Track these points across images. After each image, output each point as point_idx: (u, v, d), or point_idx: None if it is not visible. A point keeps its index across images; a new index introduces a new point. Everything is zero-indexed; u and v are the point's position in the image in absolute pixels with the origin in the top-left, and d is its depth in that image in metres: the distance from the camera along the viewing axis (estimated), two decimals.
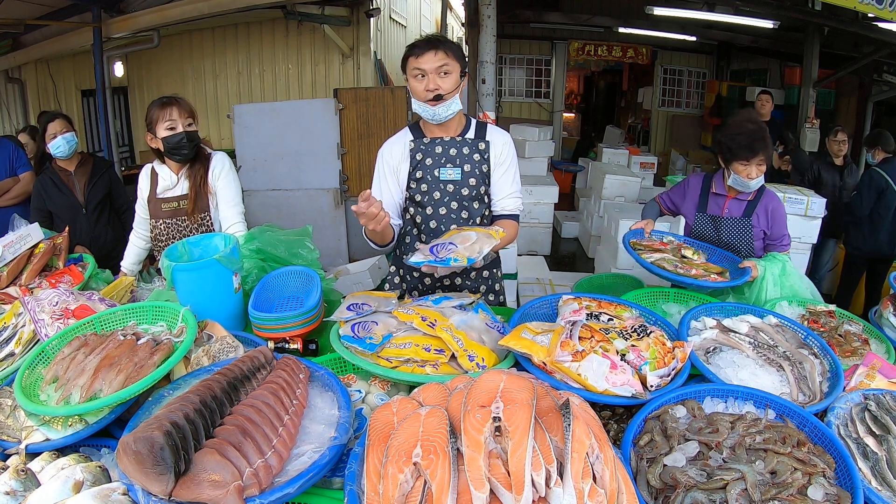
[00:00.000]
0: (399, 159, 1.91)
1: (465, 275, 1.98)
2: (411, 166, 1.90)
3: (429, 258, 1.48)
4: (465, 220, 1.92)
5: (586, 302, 1.58)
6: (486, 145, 1.89)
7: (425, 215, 1.92)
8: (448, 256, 1.46)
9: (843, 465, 1.02)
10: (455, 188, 1.88)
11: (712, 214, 2.24)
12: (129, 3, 5.15)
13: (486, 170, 1.89)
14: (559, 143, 9.38)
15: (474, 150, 1.88)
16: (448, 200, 1.89)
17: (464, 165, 1.87)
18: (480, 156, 1.89)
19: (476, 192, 1.89)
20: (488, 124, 1.95)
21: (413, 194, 1.91)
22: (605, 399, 1.19)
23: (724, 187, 2.23)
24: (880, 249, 3.89)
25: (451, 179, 1.88)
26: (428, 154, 1.88)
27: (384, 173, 1.92)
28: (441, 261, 1.46)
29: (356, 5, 5.80)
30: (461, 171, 1.87)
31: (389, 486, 0.81)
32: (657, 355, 1.27)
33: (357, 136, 5.01)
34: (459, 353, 1.30)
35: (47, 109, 4.29)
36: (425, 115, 1.81)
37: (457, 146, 1.88)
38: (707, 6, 6.15)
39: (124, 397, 1.12)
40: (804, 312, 1.76)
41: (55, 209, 2.83)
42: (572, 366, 1.22)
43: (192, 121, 2.09)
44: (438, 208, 1.90)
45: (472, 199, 1.90)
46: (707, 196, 2.27)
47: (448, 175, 1.88)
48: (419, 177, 1.89)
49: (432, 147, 1.88)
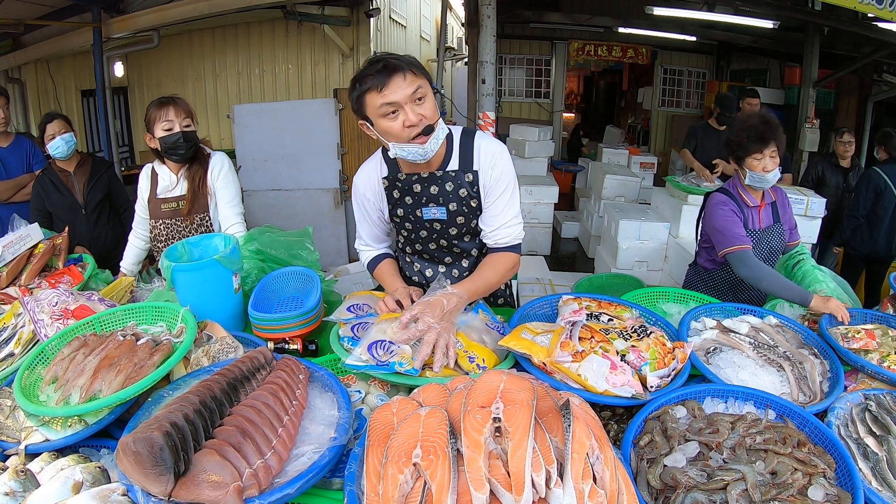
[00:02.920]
0: (375, 195, 1.67)
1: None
2: (389, 204, 1.65)
3: (368, 362, 1.24)
4: (459, 254, 1.73)
5: (586, 302, 1.58)
6: (475, 177, 1.57)
7: (415, 249, 1.76)
8: (392, 361, 1.23)
9: (844, 465, 1.02)
10: (442, 227, 1.65)
11: (753, 229, 2.10)
12: (129, 3, 5.14)
13: (475, 205, 1.61)
14: (559, 143, 9.39)
15: (459, 184, 1.58)
16: (437, 238, 1.68)
17: (449, 204, 1.60)
18: (468, 190, 1.58)
19: (466, 228, 1.65)
20: (476, 138, 1.60)
21: (399, 229, 1.72)
22: (606, 400, 1.19)
23: (753, 197, 2.10)
24: (878, 250, 3.86)
25: (437, 219, 1.63)
26: (406, 192, 1.61)
27: (365, 209, 1.71)
28: (384, 366, 1.23)
29: (356, 5, 5.79)
30: (446, 210, 1.61)
31: (389, 487, 0.81)
32: (657, 356, 1.27)
33: (357, 136, 5.01)
34: (459, 354, 1.30)
35: (48, 110, 4.29)
36: (413, 158, 1.47)
37: (438, 183, 1.58)
38: (707, 6, 6.15)
39: (124, 398, 1.12)
40: (804, 312, 1.76)
41: (54, 210, 2.83)
42: (572, 366, 1.22)
43: (189, 121, 2.08)
44: (428, 244, 1.72)
45: (462, 235, 1.67)
46: (744, 213, 2.10)
47: (432, 214, 1.62)
48: (401, 215, 1.66)
49: (409, 185, 1.60)
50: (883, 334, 1.51)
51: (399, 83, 1.38)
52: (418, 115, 1.41)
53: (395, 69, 1.38)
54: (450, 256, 1.75)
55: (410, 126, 1.41)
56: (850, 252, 4.07)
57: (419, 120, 1.41)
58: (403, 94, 1.39)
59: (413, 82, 1.39)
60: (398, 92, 1.38)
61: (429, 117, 1.43)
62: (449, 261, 1.76)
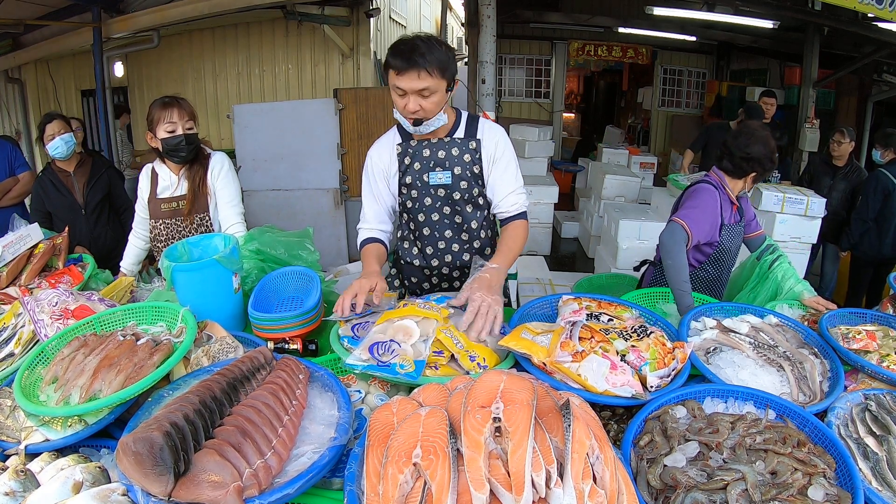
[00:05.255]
0: (388, 163, 1.82)
1: (462, 278, 1.91)
2: (400, 171, 1.81)
3: (370, 363, 1.26)
4: (459, 225, 1.85)
5: (586, 302, 1.58)
6: (477, 144, 1.78)
7: (418, 222, 1.86)
8: (392, 362, 1.25)
9: (844, 465, 1.02)
10: (446, 192, 1.80)
11: (729, 224, 2.13)
12: (129, 3, 5.14)
13: (477, 171, 1.79)
14: (559, 143, 9.38)
15: (464, 150, 1.78)
16: (440, 206, 1.82)
17: (454, 168, 1.78)
18: (471, 156, 1.78)
19: (468, 195, 1.80)
20: (480, 118, 1.83)
21: (404, 200, 1.84)
22: (606, 400, 1.19)
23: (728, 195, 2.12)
24: (885, 253, 3.78)
25: (441, 184, 1.79)
26: (416, 158, 1.79)
27: (374, 178, 1.85)
28: (385, 367, 1.25)
29: (356, 5, 5.80)
30: (451, 174, 1.78)
31: (389, 487, 0.81)
32: (657, 356, 1.27)
33: (357, 136, 5.01)
34: (460, 354, 1.30)
35: (48, 110, 4.29)
36: (407, 128, 1.73)
37: (445, 148, 1.78)
38: (707, 6, 6.15)
39: (124, 398, 1.12)
40: (804, 313, 1.76)
41: (54, 210, 2.83)
42: (572, 366, 1.22)
43: (192, 123, 2.09)
44: (431, 214, 1.84)
45: (465, 202, 1.81)
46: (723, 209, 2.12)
47: (438, 179, 1.78)
48: (408, 182, 1.81)
49: (420, 150, 1.79)
50: (884, 335, 1.51)
51: (412, 77, 1.58)
52: (417, 106, 1.63)
53: (413, 64, 1.57)
54: (450, 230, 1.85)
55: (407, 111, 1.65)
56: (857, 255, 4.00)
57: (416, 110, 1.64)
58: (411, 87, 1.60)
59: (424, 81, 1.59)
60: (408, 83, 1.60)
61: (427, 111, 1.65)
62: (449, 234, 1.86)
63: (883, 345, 1.47)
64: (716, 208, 2.06)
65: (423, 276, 1.96)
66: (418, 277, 1.97)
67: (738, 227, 2.16)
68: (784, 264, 1.90)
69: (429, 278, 1.96)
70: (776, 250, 1.99)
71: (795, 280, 1.85)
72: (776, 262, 1.92)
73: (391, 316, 1.42)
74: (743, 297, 1.94)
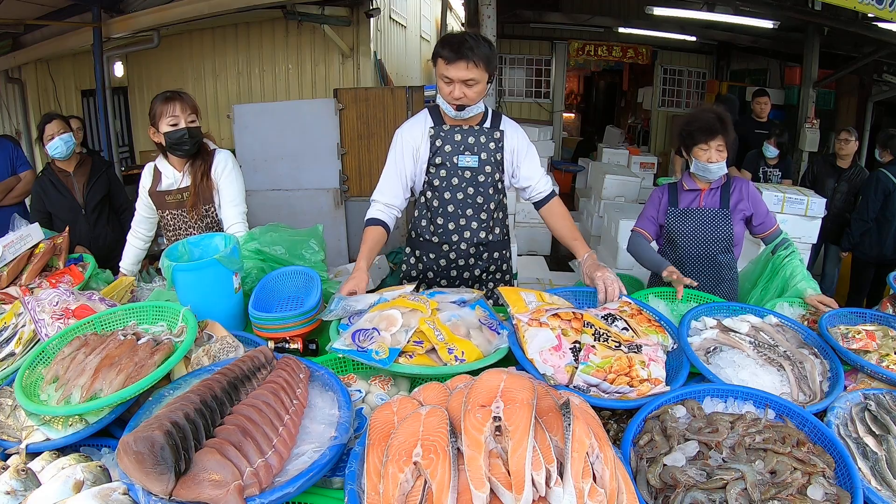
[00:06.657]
0: (420, 141, 1.98)
1: (476, 255, 2.07)
2: (431, 152, 1.97)
3: (350, 347, 1.36)
4: (480, 205, 2.01)
5: (626, 307, 1.56)
6: (501, 135, 1.99)
7: (443, 199, 2.01)
8: (370, 348, 1.34)
9: (843, 464, 1.03)
10: (472, 175, 1.98)
11: (684, 208, 2.24)
12: (129, 3, 5.14)
13: (500, 158, 1.99)
14: (559, 143, 9.37)
15: (490, 138, 1.98)
16: (465, 186, 1.99)
17: (481, 153, 1.97)
18: (496, 144, 1.98)
19: (491, 178, 1.99)
20: (501, 114, 2.05)
21: (432, 179, 2.00)
22: (605, 402, 1.20)
23: (695, 182, 2.24)
24: (886, 254, 3.77)
25: (469, 167, 1.97)
26: (447, 141, 1.96)
27: (402, 151, 1.99)
28: (362, 352, 1.34)
29: (356, 5, 5.79)
30: (478, 158, 1.97)
31: (390, 486, 0.81)
32: (608, 367, 1.26)
33: (357, 137, 5.01)
34: (440, 346, 1.33)
35: (48, 110, 4.29)
36: (447, 111, 1.90)
37: (475, 134, 1.97)
38: (707, 6, 6.15)
39: (125, 397, 1.12)
40: (804, 312, 1.76)
41: (54, 210, 2.83)
42: (527, 328, 1.36)
43: (195, 116, 2.09)
44: (456, 193, 2.00)
45: (487, 185, 2.00)
46: (677, 194, 2.28)
47: (466, 162, 1.97)
48: (438, 162, 1.97)
49: (451, 134, 1.96)
50: (884, 335, 1.51)
51: (460, 67, 1.77)
52: (461, 94, 1.82)
53: (463, 56, 1.75)
54: (471, 209, 2.02)
55: (452, 97, 1.83)
56: (858, 256, 3.99)
57: (460, 97, 1.83)
58: (459, 76, 1.78)
59: (472, 72, 1.77)
60: (457, 73, 1.78)
61: (470, 99, 1.84)
62: (470, 213, 2.03)
63: (882, 344, 1.47)
64: (656, 203, 2.31)
65: (441, 252, 2.07)
66: (435, 253, 2.08)
67: (698, 212, 2.21)
68: (794, 261, 1.92)
69: (446, 254, 2.07)
70: (790, 246, 2.00)
71: (802, 277, 1.86)
72: (787, 258, 1.93)
73: (382, 307, 1.48)
74: (756, 291, 1.97)
